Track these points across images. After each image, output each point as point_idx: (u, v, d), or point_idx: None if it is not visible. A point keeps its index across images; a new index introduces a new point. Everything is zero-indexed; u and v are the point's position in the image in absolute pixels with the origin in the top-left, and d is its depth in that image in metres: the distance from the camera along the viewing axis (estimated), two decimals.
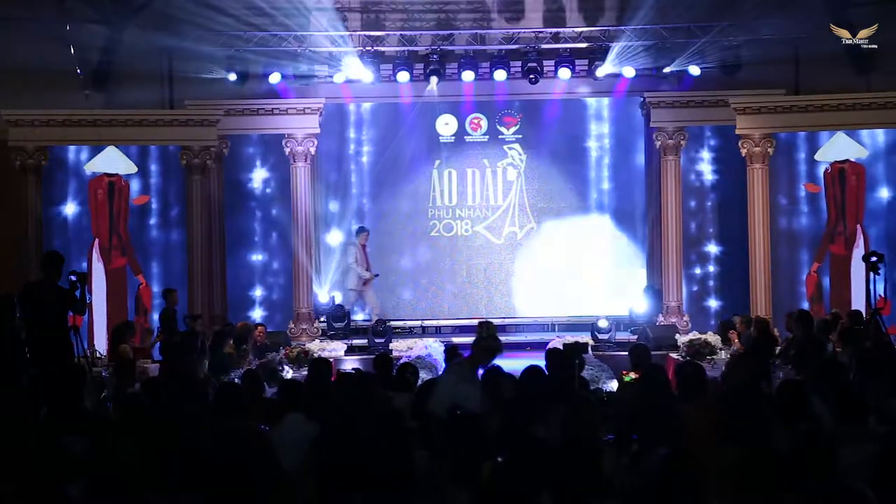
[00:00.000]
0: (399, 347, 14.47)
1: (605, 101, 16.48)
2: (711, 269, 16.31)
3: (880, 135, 15.42)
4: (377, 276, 15.88)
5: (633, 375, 9.10)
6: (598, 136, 16.74)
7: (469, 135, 16.64)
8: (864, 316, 11.97)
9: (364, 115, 16.78)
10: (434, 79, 15.16)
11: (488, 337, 8.04)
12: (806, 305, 14.89)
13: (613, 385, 11.65)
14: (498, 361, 8.76)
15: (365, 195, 16.75)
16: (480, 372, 7.90)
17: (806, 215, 15.83)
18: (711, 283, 16.32)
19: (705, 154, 16.22)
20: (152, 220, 15.92)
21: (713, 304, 16.28)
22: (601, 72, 15.22)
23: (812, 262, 15.47)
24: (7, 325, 9.47)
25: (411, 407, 7.21)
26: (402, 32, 15.34)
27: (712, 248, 16.29)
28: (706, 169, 16.27)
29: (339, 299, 16.07)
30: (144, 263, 15.51)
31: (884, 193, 15.49)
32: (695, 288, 16.23)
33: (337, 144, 16.71)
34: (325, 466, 5.23)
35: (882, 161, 15.48)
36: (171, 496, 5.07)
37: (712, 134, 16.16)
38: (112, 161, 15.23)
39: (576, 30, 15.38)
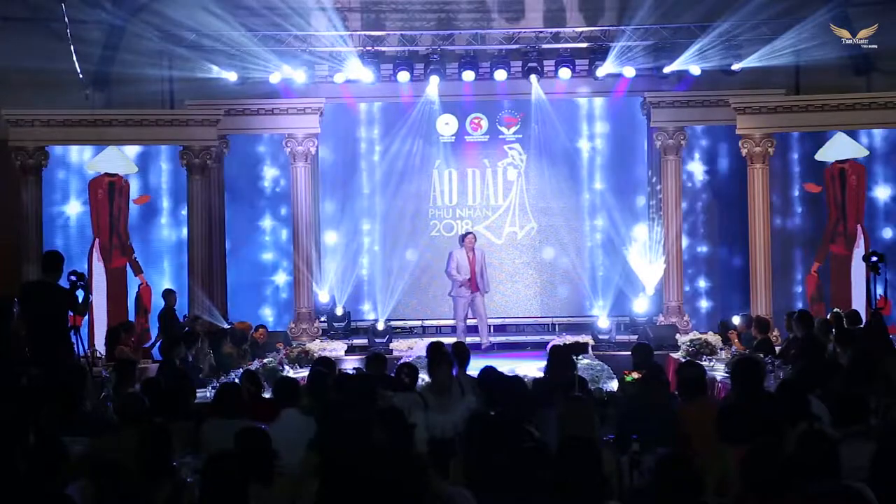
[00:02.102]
0: (399, 347, 14.48)
1: (606, 100, 16.46)
2: (708, 268, 16.33)
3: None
4: (479, 291, 14.55)
5: (634, 375, 9.09)
6: (598, 136, 16.71)
7: (469, 135, 16.62)
8: (864, 316, 11.98)
9: (364, 115, 16.76)
10: (435, 77, 15.20)
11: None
12: (804, 305, 14.90)
13: (613, 385, 11.65)
14: (498, 362, 8.77)
15: (365, 195, 16.73)
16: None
17: (803, 216, 15.85)
18: (707, 283, 16.33)
19: (698, 154, 16.27)
20: (152, 220, 15.92)
21: (705, 304, 16.31)
22: (601, 72, 15.21)
23: (812, 262, 15.49)
24: (7, 326, 9.46)
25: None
26: (403, 32, 15.34)
27: (711, 249, 16.29)
28: (708, 168, 16.29)
29: (339, 299, 16.06)
30: (144, 263, 15.51)
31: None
32: (686, 288, 16.23)
33: (337, 144, 16.69)
34: (327, 465, 5.23)
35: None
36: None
37: (715, 133, 16.17)
38: (112, 161, 15.25)
39: (576, 30, 15.38)
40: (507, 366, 11.20)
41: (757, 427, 5.63)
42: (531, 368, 11.36)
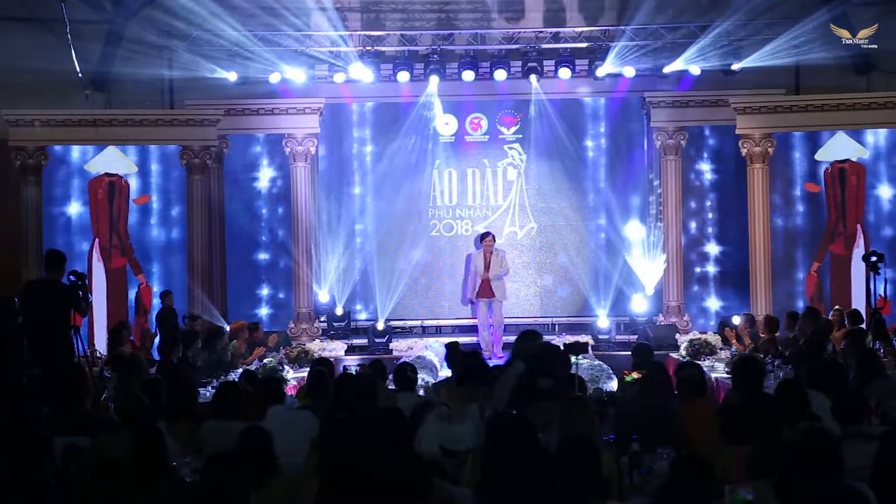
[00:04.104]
0: (399, 347, 14.50)
1: (606, 100, 16.46)
2: (711, 269, 16.31)
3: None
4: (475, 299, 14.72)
5: (634, 375, 9.09)
6: (598, 136, 16.70)
7: (469, 135, 16.62)
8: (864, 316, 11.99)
9: (364, 115, 16.76)
10: (435, 77, 15.20)
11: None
12: (804, 305, 14.89)
13: (613, 385, 11.65)
14: (497, 362, 8.75)
15: (365, 195, 16.73)
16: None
17: (804, 215, 15.85)
18: (711, 283, 16.32)
19: (704, 154, 16.25)
20: (152, 220, 15.92)
21: (713, 304, 16.28)
22: (601, 72, 15.21)
23: (812, 262, 15.49)
24: (7, 326, 9.46)
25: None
26: (403, 32, 15.35)
27: (712, 248, 16.28)
28: (708, 168, 16.28)
29: (339, 299, 16.07)
30: (144, 263, 15.51)
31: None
32: (695, 288, 16.24)
33: (337, 144, 16.70)
34: (327, 464, 5.23)
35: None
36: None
37: (714, 133, 16.17)
38: (112, 161, 15.26)
39: (576, 30, 15.39)
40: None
41: (757, 427, 5.63)
42: None
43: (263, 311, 16.35)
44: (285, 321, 15.86)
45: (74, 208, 15.61)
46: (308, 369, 9.77)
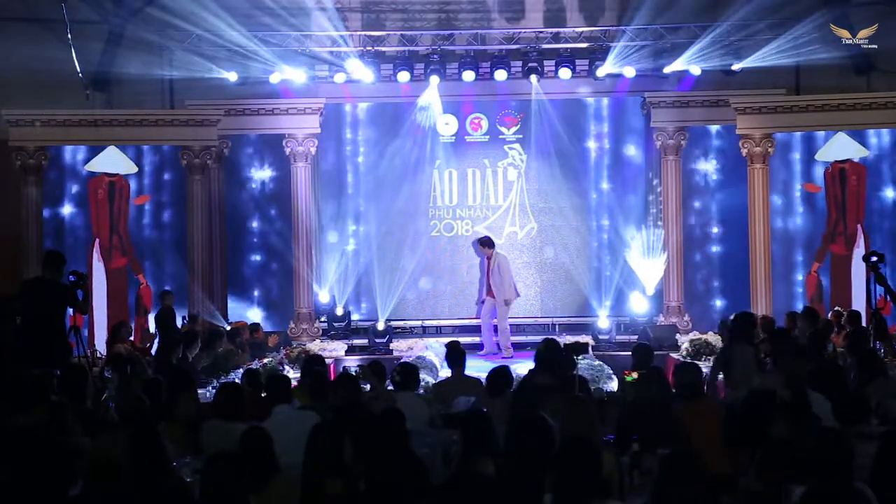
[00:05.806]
0: (399, 347, 14.49)
1: (606, 100, 16.46)
2: (711, 269, 16.29)
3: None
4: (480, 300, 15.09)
5: (634, 375, 9.08)
6: (599, 136, 16.71)
7: (469, 135, 16.62)
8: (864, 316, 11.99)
9: (364, 115, 16.76)
10: (435, 77, 15.19)
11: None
12: (804, 306, 14.89)
13: (613, 385, 11.65)
14: (498, 362, 8.76)
15: (365, 195, 16.73)
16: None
17: (804, 215, 15.85)
18: (711, 283, 16.30)
19: (708, 154, 16.23)
20: (152, 220, 15.91)
21: (713, 304, 16.26)
22: (601, 72, 15.20)
23: (812, 263, 15.49)
24: (8, 326, 9.47)
25: None
26: (403, 32, 15.34)
27: (712, 249, 16.27)
28: (709, 168, 16.26)
29: (339, 299, 16.07)
30: (144, 263, 15.51)
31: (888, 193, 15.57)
32: (700, 287, 16.22)
33: (337, 144, 16.70)
34: (322, 463, 5.23)
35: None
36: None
37: (715, 134, 16.16)
38: (112, 161, 15.25)
39: (576, 30, 15.38)
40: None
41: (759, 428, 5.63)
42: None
43: (260, 313, 16.31)
44: (280, 321, 15.85)
45: (73, 209, 15.60)
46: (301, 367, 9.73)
